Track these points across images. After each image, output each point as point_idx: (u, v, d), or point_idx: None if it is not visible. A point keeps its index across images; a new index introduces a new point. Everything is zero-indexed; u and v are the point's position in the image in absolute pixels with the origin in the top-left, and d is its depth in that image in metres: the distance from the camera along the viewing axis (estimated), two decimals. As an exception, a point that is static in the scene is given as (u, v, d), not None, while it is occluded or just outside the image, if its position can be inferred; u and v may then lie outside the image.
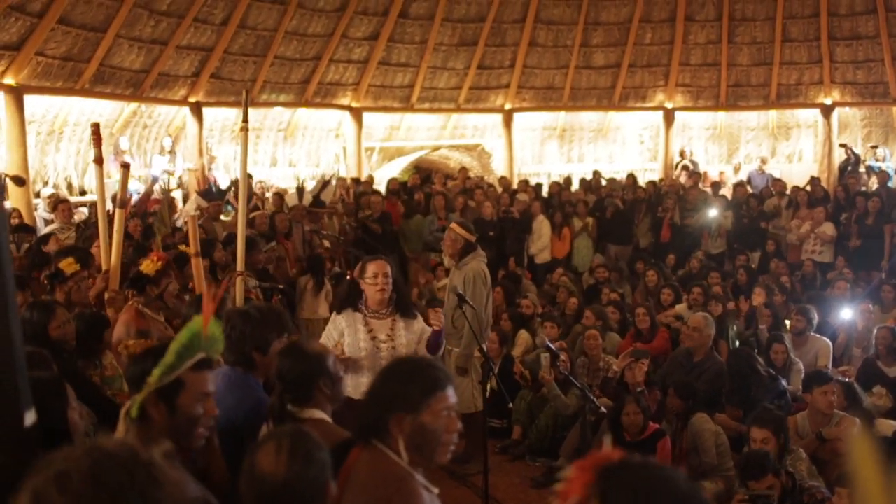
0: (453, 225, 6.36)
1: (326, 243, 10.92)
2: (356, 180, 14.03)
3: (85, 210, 11.64)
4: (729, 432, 5.98)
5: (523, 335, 8.04)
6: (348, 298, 4.77)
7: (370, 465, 2.44)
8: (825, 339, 7.49)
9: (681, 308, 8.69)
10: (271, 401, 3.10)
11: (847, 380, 6.25)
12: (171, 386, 2.40)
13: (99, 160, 6.04)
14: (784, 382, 6.45)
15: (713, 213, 12.12)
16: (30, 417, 2.38)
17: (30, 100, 11.65)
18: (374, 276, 4.56)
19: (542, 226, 11.94)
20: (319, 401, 3.05)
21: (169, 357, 2.38)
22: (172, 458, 1.49)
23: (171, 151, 14.09)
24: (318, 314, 7.90)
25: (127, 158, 12.29)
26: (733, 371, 6.50)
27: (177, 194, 13.18)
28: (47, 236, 7.86)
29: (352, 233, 11.84)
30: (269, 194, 13.16)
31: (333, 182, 13.47)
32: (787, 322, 7.75)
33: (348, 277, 10.07)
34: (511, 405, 6.42)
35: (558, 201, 12.70)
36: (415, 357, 2.58)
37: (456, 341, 6.07)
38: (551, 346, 4.87)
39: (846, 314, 8.03)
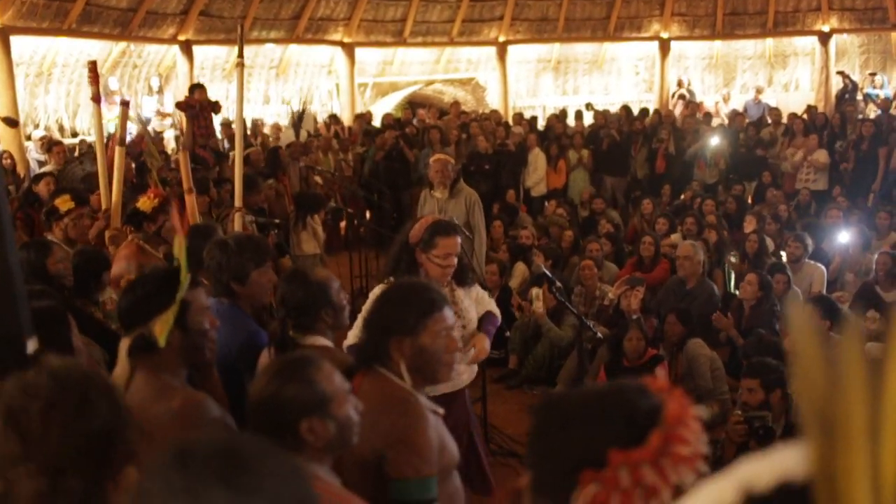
0: (437, 155, 6.43)
1: (319, 179, 10.91)
2: (360, 116, 13.95)
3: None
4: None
5: (520, 267, 8.09)
6: (401, 267, 3.83)
7: (373, 389, 2.48)
8: (820, 265, 7.55)
9: (675, 238, 8.73)
10: (272, 327, 3.13)
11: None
12: (180, 307, 2.45)
13: (97, 98, 6.03)
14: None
15: (713, 141, 12.06)
16: (32, 344, 2.43)
17: (16, 41, 11.46)
18: (446, 257, 3.75)
19: (537, 158, 11.91)
20: (321, 328, 3.08)
21: (184, 279, 2.44)
22: None
23: (160, 91, 13.94)
24: (303, 250, 7.93)
25: (116, 100, 12.18)
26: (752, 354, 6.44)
27: (168, 134, 13.09)
28: (39, 177, 7.84)
29: (347, 169, 11.82)
30: (266, 130, 13.11)
31: (310, 109, 13.35)
32: (783, 253, 7.79)
33: (350, 212, 10.14)
34: (508, 335, 6.50)
35: (554, 134, 12.64)
36: (408, 280, 2.60)
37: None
38: (547, 272, 4.89)
39: (842, 237, 8.06)
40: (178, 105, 11.77)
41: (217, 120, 11.89)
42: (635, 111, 14.01)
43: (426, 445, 2.40)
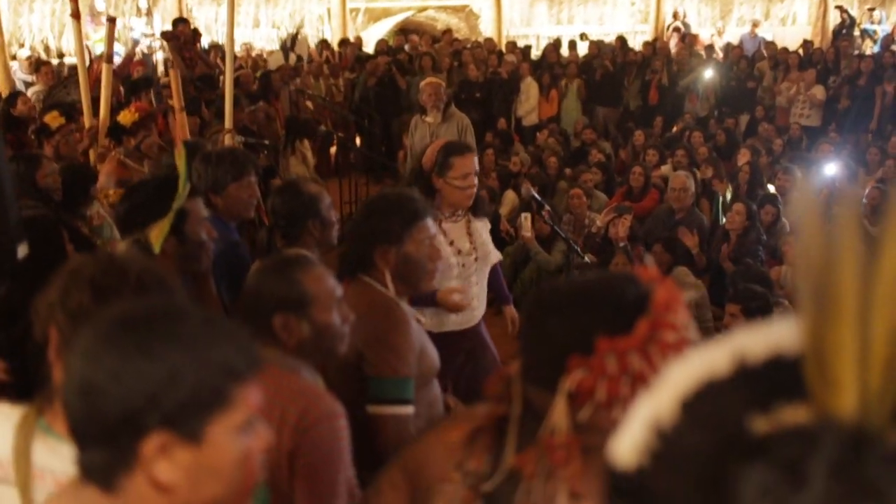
0: (429, 78, 6.39)
1: (310, 104, 10.82)
2: (344, 41, 13.77)
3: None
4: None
5: (510, 195, 8.10)
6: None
7: (357, 296, 2.52)
8: (808, 198, 7.56)
9: (666, 169, 8.73)
10: (260, 235, 3.16)
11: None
12: (178, 216, 2.47)
13: (76, 14, 5.90)
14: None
15: (706, 74, 11.97)
16: (22, 250, 2.46)
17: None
18: (465, 177, 3.49)
19: (529, 87, 11.80)
20: (307, 241, 3.09)
21: (181, 188, 2.45)
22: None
23: (149, 13, 13.69)
24: (290, 173, 7.92)
25: (104, 20, 11.96)
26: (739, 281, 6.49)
27: (159, 56, 12.90)
28: (14, 95, 7.69)
29: (338, 95, 11.72)
30: (255, 53, 12.96)
31: (304, 32, 13.16)
32: (770, 186, 7.81)
33: (340, 137, 10.09)
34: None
35: (547, 63, 12.52)
36: (392, 190, 2.63)
37: None
38: (536, 196, 4.90)
39: (829, 169, 8.08)
40: (164, 35, 11.61)
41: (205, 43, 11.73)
42: (630, 42, 13.85)
43: (405, 347, 2.46)
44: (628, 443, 0.79)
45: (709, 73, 12.02)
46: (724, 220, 7.61)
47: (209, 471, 1.14)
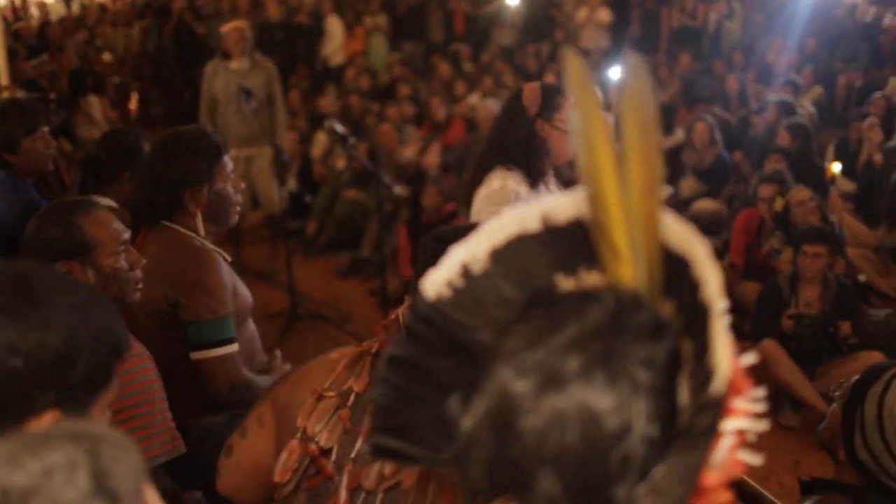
0: (231, 23, 6.13)
1: (107, 56, 10.20)
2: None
3: None
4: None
5: (321, 136, 8.00)
6: (518, 152, 2.85)
7: (161, 241, 2.48)
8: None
9: (473, 99, 8.87)
10: (73, 178, 3.06)
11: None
12: None
13: None
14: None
15: (510, 1, 12.09)
16: None
17: None
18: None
19: (333, 26, 11.58)
20: (118, 193, 3.05)
21: None
22: None
23: None
24: (80, 134, 7.46)
25: None
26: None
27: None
28: None
29: (134, 44, 11.07)
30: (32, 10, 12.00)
31: None
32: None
33: (138, 88, 9.55)
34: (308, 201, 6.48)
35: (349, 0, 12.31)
36: (184, 129, 2.54)
37: (268, 139, 5.92)
38: (337, 129, 4.85)
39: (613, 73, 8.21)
40: None
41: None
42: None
43: (219, 286, 2.43)
44: (438, 277, 0.89)
45: (513, 1, 12.15)
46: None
47: None
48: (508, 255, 0.88)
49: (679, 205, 6.35)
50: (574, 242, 0.86)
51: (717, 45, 10.55)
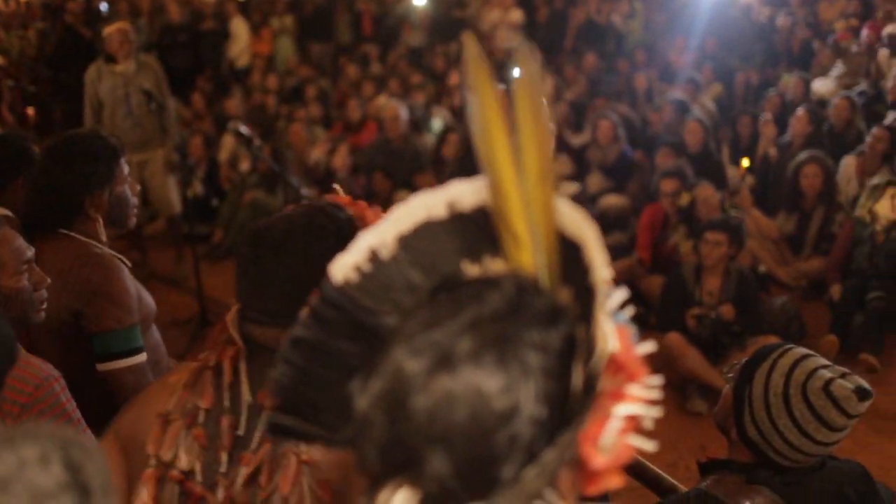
0: (114, 25, 5.95)
1: (1, 60, 9.76)
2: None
3: None
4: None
5: (228, 139, 7.86)
6: None
7: (59, 251, 2.37)
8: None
9: (382, 100, 8.85)
10: None
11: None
12: None
13: None
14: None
15: (418, 2, 12.09)
16: None
17: None
18: None
19: (238, 28, 11.39)
20: (10, 201, 2.86)
21: None
22: None
23: None
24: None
25: None
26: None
27: None
28: None
29: (30, 48, 10.62)
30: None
31: None
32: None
33: (34, 93, 9.13)
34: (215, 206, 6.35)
35: (255, 0, 12.13)
36: (75, 133, 2.46)
37: (159, 142, 5.78)
38: (241, 130, 4.76)
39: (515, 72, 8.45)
40: None
41: None
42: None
43: (124, 294, 2.36)
44: (345, 261, 0.90)
45: (421, 1, 12.16)
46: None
47: None
48: (416, 241, 0.89)
49: (586, 201, 6.47)
50: (479, 229, 0.87)
51: (621, 45, 10.78)
